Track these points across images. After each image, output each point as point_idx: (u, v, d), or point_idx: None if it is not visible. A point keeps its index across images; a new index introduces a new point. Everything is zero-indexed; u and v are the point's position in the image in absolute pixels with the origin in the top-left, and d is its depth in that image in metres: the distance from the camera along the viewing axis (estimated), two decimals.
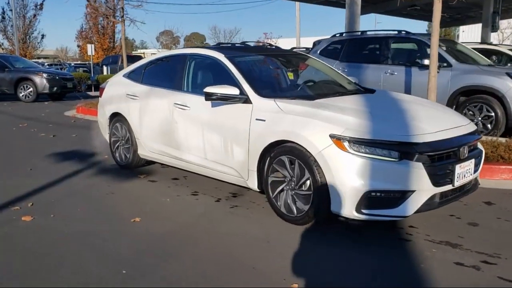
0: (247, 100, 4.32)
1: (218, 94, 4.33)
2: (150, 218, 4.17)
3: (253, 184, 4.29)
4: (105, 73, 24.51)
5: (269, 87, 4.65)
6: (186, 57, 5.20)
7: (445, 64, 7.88)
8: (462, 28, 38.32)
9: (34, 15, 36.23)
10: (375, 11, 22.31)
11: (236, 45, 6.05)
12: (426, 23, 43.05)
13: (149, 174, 5.73)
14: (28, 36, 36.26)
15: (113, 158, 6.17)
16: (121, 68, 25.04)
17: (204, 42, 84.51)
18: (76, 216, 4.26)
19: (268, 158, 4.07)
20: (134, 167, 5.95)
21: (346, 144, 3.54)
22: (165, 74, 5.51)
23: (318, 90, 4.88)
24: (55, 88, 16.39)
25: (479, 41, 16.56)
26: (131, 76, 5.94)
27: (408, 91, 8.13)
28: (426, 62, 7.80)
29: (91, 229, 3.91)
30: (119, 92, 5.92)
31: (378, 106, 4.25)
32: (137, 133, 5.61)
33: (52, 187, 5.22)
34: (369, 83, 8.02)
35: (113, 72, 24.66)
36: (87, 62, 38.90)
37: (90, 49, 22.27)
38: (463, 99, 7.77)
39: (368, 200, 3.51)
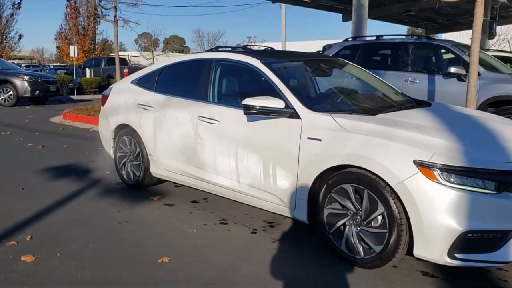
0: (293, 115, 3.62)
1: (259, 107, 3.63)
2: (180, 257, 3.43)
3: (302, 215, 3.60)
4: (88, 75, 23.46)
5: (319, 99, 3.97)
6: (212, 63, 4.46)
7: None
8: (444, 35, 38.30)
9: (12, 15, 34.86)
10: (368, 16, 21.84)
11: (237, 48, 5.25)
12: (406, 28, 42.89)
13: (163, 196, 4.97)
14: (4, 36, 34.85)
15: (118, 175, 5.39)
16: (105, 71, 24.15)
17: (184, 46, 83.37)
18: (88, 254, 3.49)
19: (325, 186, 3.38)
20: (144, 186, 5.19)
21: (436, 173, 2.87)
22: (186, 81, 4.77)
23: (372, 103, 4.19)
24: (37, 92, 15.36)
25: None
26: (141, 83, 5.18)
27: (431, 100, 7.55)
28: (453, 69, 7.30)
29: (112, 275, 3.15)
30: (127, 101, 5.15)
31: (455, 124, 3.58)
32: (150, 148, 4.86)
33: (51, 213, 4.43)
34: None
35: (96, 75, 23.69)
36: (66, 64, 37.67)
37: (73, 50, 21.20)
38: (491, 111, 7.22)
39: (464, 242, 2.85)
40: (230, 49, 4.92)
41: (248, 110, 3.67)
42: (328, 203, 3.39)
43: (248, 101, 3.67)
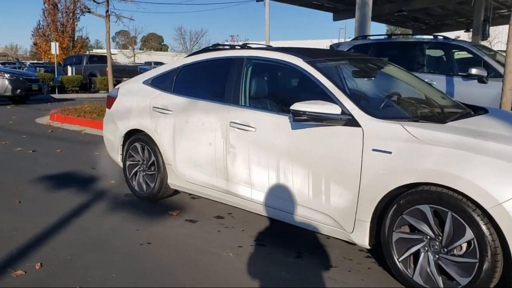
0: (349, 122, 3.14)
1: (310, 113, 3.14)
2: None
3: (362, 239, 3.11)
4: (69, 73, 22.54)
5: (378, 104, 3.46)
6: (243, 62, 3.94)
7: (493, 74, 7.00)
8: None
9: None
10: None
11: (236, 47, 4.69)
12: (384, 26, 42.69)
13: (182, 210, 4.43)
14: None
15: (128, 186, 4.83)
16: (87, 69, 23.25)
17: (162, 43, 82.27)
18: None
19: (395, 206, 2.91)
20: (158, 198, 4.65)
21: None
22: (211, 82, 4.25)
23: (432, 109, 3.70)
24: (19, 91, 14.56)
25: None
26: (155, 83, 4.62)
27: None
28: (474, 71, 6.95)
29: None
30: (140, 104, 4.59)
31: None
32: (168, 157, 4.32)
33: (58, 232, 3.85)
34: None
35: (78, 73, 22.77)
36: (44, 62, 36.40)
37: (54, 47, 20.29)
38: None
39: None
40: (228, 47, 4.44)
41: (298, 116, 3.18)
42: (397, 226, 2.92)
43: (297, 106, 3.17)
